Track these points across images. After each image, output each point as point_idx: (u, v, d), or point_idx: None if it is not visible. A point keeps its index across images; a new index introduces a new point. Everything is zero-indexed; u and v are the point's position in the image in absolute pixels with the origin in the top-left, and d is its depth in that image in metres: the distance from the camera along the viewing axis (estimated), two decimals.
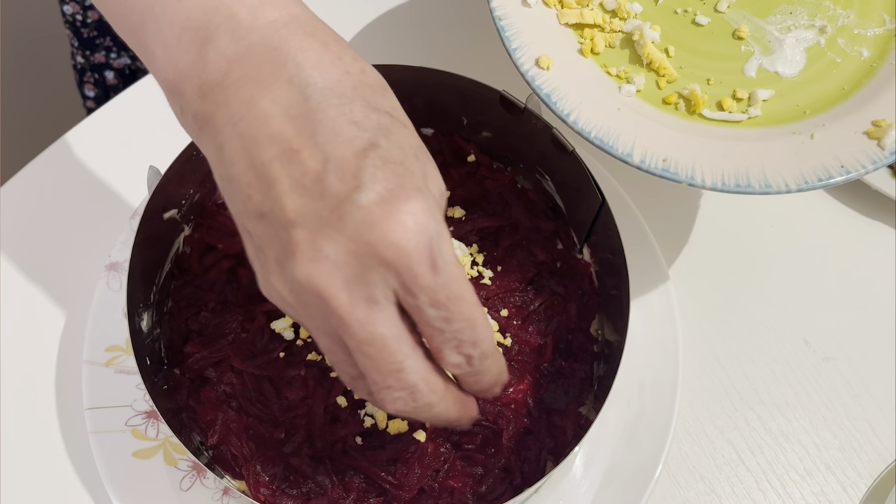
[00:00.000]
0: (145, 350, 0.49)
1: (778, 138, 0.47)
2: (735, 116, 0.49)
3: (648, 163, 0.45)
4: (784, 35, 0.51)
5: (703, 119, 0.49)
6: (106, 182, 0.63)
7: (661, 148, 0.46)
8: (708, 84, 0.50)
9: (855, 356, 0.59)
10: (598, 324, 0.54)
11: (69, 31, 0.90)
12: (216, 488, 0.52)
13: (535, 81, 0.47)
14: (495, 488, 0.49)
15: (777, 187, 0.45)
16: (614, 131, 0.46)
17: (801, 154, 0.46)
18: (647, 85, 0.50)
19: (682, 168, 0.45)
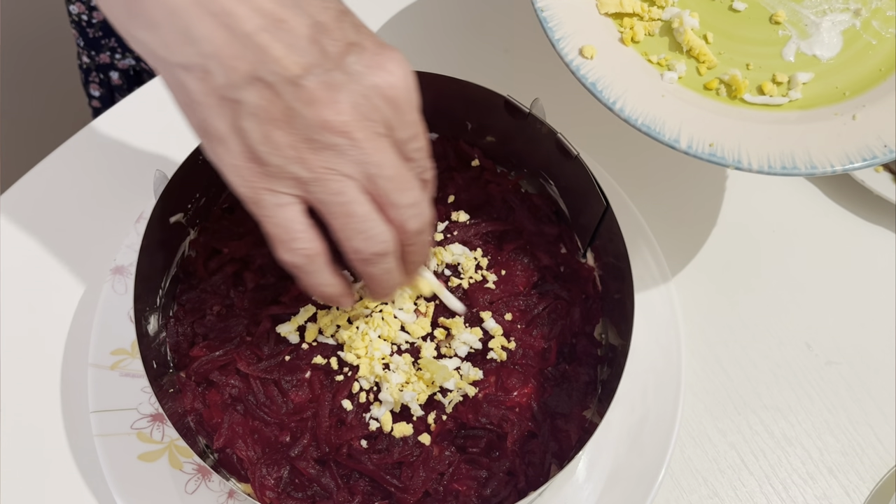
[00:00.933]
0: (151, 353, 0.49)
1: (820, 120, 0.48)
2: (776, 100, 0.49)
3: (696, 148, 0.46)
4: (820, 18, 0.51)
5: (745, 104, 0.49)
6: (111, 186, 0.63)
7: (706, 133, 0.47)
8: (747, 69, 0.50)
9: (857, 360, 0.60)
10: (601, 328, 0.54)
11: (75, 31, 0.90)
12: (221, 491, 0.52)
13: (580, 71, 0.48)
14: (500, 492, 0.49)
15: (822, 168, 0.45)
16: (660, 118, 0.47)
17: (843, 135, 0.47)
18: (688, 72, 0.50)
19: (728, 152, 0.46)
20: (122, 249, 0.58)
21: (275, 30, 0.36)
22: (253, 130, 0.37)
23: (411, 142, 0.39)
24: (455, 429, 0.50)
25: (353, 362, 0.51)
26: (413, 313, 0.53)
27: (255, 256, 0.55)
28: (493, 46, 0.70)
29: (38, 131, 1.39)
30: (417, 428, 0.50)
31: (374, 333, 0.51)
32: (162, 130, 0.65)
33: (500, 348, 0.52)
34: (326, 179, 0.38)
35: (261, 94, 0.36)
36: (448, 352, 0.52)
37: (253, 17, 0.36)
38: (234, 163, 0.38)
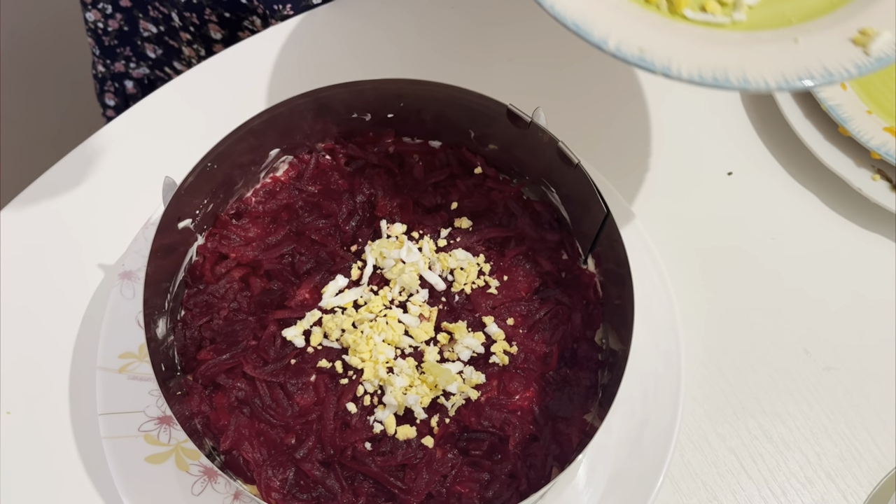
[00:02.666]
0: (160, 356, 0.50)
1: (760, 43, 0.47)
2: (718, 19, 0.48)
3: (624, 51, 0.44)
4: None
5: (685, 20, 0.48)
6: (120, 192, 0.64)
7: (638, 38, 0.45)
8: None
9: (855, 366, 0.60)
10: (602, 333, 0.55)
11: (91, 40, 0.91)
12: (227, 493, 0.53)
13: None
14: (502, 494, 0.50)
15: (756, 84, 0.44)
16: (591, 18, 0.45)
17: (783, 55, 0.45)
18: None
19: (658, 58, 0.44)
20: (130, 255, 0.59)
21: None
22: None
23: None
24: (458, 432, 0.51)
25: (357, 366, 0.52)
26: (417, 318, 0.54)
27: (262, 262, 0.56)
28: (496, 56, 0.71)
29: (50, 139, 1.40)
30: (421, 431, 0.51)
31: (378, 337, 0.52)
32: (171, 138, 0.67)
33: (502, 353, 0.53)
34: None
35: None
36: (451, 356, 0.53)
37: None
38: None
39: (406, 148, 0.59)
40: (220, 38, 0.85)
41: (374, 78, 0.55)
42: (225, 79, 0.70)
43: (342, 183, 0.58)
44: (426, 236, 0.56)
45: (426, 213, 0.58)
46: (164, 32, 0.88)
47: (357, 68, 0.70)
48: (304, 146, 0.59)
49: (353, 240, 0.57)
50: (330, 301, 0.54)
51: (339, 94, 0.55)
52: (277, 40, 0.71)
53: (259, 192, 0.59)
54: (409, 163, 0.59)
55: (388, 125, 0.59)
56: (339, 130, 0.58)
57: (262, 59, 0.70)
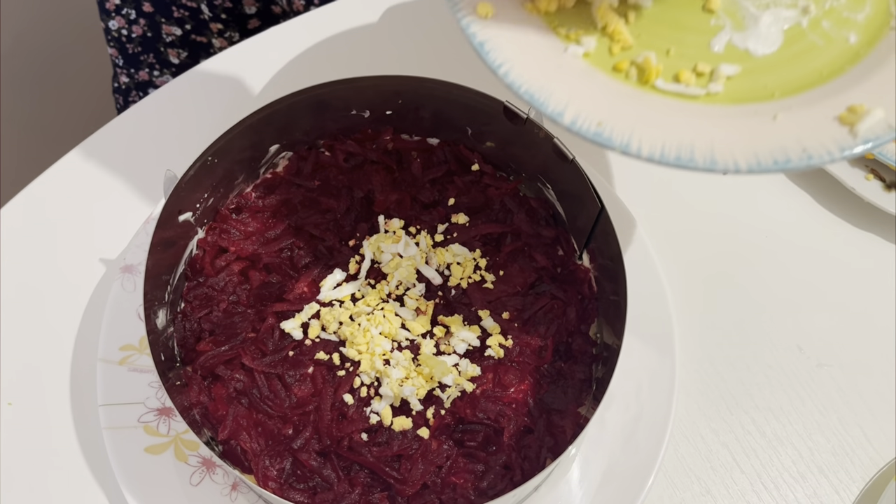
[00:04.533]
0: (160, 348, 0.50)
1: (736, 117, 0.42)
2: (692, 90, 0.43)
3: (580, 124, 0.41)
4: (761, 12, 0.45)
5: (656, 90, 0.43)
6: (122, 188, 0.65)
7: (598, 111, 0.41)
8: (667, 55, 0.44)
9: (848, 363, 0.61)
10: (597, 327, 0.56)
11: (114, 49, 0.91)
12: (225, 484, 0.54)
13: (468, 28, 0.42)
14: (496, 484, 0.50)
15: (724, 164, 0.39)
16: (548, 88, 0.42)
17: (758, 134, 0.41)
18: (599, 49, 0.45)
19: (617, 133, 0.40)
20: (131, 249, 0.59)
21: None
22: None
23: None
24: (453, 423, 0.52)
25: (354, 358, 0.53)
26: (413, 311, 0.54)
27: (261, 255, 0.56)
28: None
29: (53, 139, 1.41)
30: (416, 422, 0.51)
31: (375, 330, 0.53)
32: (172, 135, 0.67)
33: (497, 346, 0.53)
34: None
35: None
36: (447, 349, 0.54)
37: None
38: None
39: (404, 145, 0.60)
40: (255, 13, 0.86)
41: (372, 75, 0.56)
42: (226, 77, 0.71)
43: (341, 179, 0.59)
44: (423, 231, 0.57)
45: (423, 208, 0.59)
46: (190, 31, 0.88)
47: (356, 66, 0.71)
48: (303, 142, 0.60)
49: (351, 235, 0.57)
50: (328, 294, 0.55)
51: (338, 90, 0.56)
52: (279, 40, 0.72)
53: (259, 187, 0.59)
54: (407, 159, 0.60)
55: (387, 122, 0.59)
56: (338, 127, 0.59)
57: (264, 57, 0.71)
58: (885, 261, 0.64)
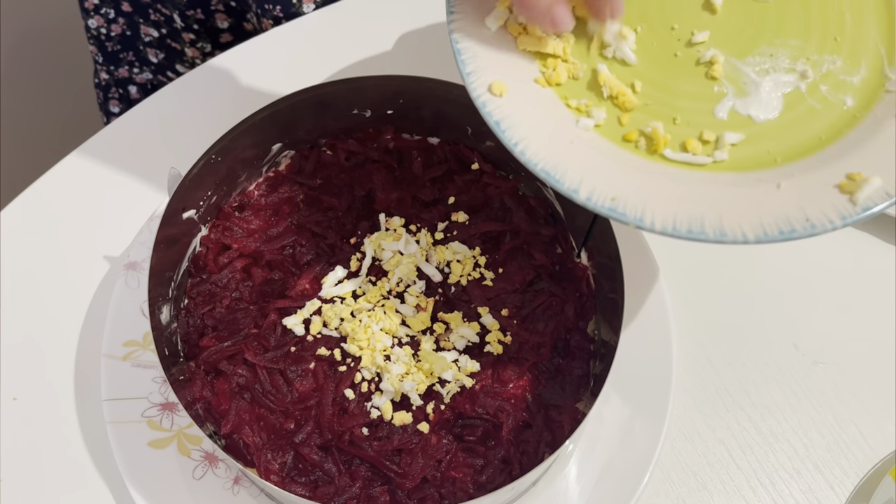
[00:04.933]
0: (163, 343, 0.51)
1: (742, 186, 0.44)
2: (699, 159, 0.45)
3: (595, 200, 0.42)
4: (761, 78, 0.46)
5: (664, 160, 0.45)
6: (125, 186, 0.66)
7: (611, 185, 0.43)
8: (674, 123, 0.46)
9: (843, 361, 0.62)
10: (594, 324, 0.56)
11: (93, 47, 0.92)
12: (227, 478, 0.54)
13: (485, 108, 0.44)
14: (495, 478, 0.51)
15: (733, 236, 0.41)
16: (563, 165, 0.43)
17: (763, 203, 0.42)
18: (608, 120, 0.46)
19: (630, 208, 0.42)
20: (135, 246, 0.60)
21: None
22: None
23: None
24: (453, 418, 0.52)
25: (355, 353, 0.53)
26: (414, 308, 0.55)
27: (264, 253, 0.57)
28: None
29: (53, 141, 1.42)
30: (417, 417, 0.52)
31: (376, 326, 0.54)
32: (175, 135, 0.68)
33: (496, 342, 0.54)
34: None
35: None
36: (447, 345, 0.54)
37: None
38: None
39: (405, 144, 0.61)
40: (227, 27, 0.87)
41: (374, 75, 0.57)
42: (229, 77, 0.71)
43: (342, 177, 0.60)
44: (424, 229, 0.58)
45: (424, 207, 0.59)
46: (165, 35, 0.89)
47: (358, 66, 0.71)
48: (305, 141, 0.60)
49: (352, 232, 0.58)
50: (329, 291, 0.56)
51: (339, 90, 0.57)
52: (282, 40, 0.73)
53: (261, 185, 0.60)
54: (407, 158, 0.61)
55: (388, 122, 0.60)
56: (339, 126, 0.60)
57: (267, 57, 0.72)
58: (881, 261, 0.65)
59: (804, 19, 0.48)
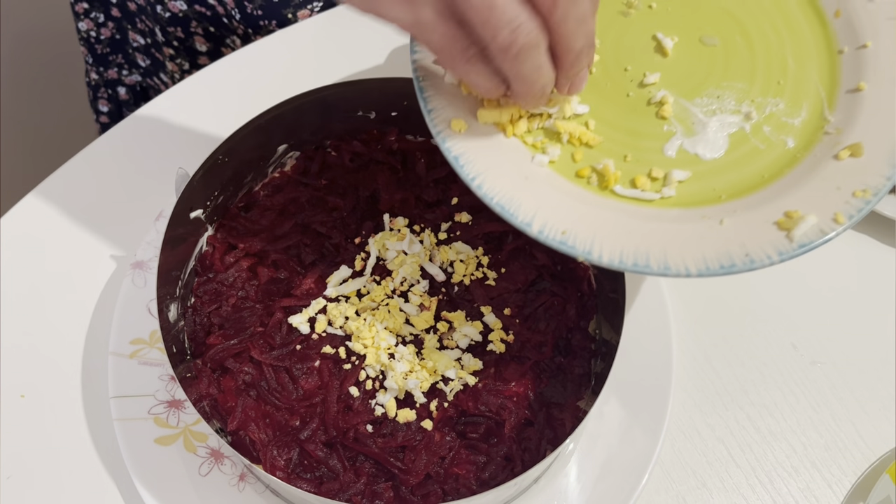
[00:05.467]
0: (171, 341, 0.52)
1: (687, 221, 0.45)
2: (647, 195, 0.47)
3: (547, 233, 0.44)
4: (709, 118, 0.48)
5: (614, 195, 0.47)
6: (132, 186, 0.67)
7: (562, 220, 0.45)
8: (625, 160, 0.48)
9: (840, 361, 0.62)
10: (595, 324, 0.57)
11: (84, 48, 0.93)
12: (233, 474, 0.55)
13: (444, 143, 0.46)
14: (497, 475, 0.52)
15: (676, 270, 0.43)
16: (517, 199, 0.45)
17: (706, 238, 0.44)
18: (562, 157, 0.48)
19: (580, 242, 0.44)
20: (142, 245, 0.61)
21: None
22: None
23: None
24: (456, 416, 0.53)
25: (360, 352, 0.54)
26: (417, 307, 0.56)
27: (269, 252, 0.58)
28: None
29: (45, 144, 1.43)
30: (420, 414, 0.53)
31: (380, 325, 0.54)
32: (182, 136, 0.69)
33: (499, 341, 0.55)
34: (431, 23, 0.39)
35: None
36: (450, 343, 0.55)
37: None
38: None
39: (409, 145, 0.62)
40: (206, 51, 0.87)
41: (378, 77, 0.57)
42: (236, 79, 0.72)
43: (347, 178, 0.61)
44: (427, 230, 0.59)
45: (427, 207, 0.60)
46: (150, 45, 0.90)
47: (363, 68, 0.72)
48: (310, 142, 0.61)
49: (356, 232, 0.59)
50: (334, 290, 0.56)
51: (344, 92, 0.57)
52: (287, 43, 0.74)
53: (267, 185, 0.61)
54: (411, 159, 0.61)
55: (392, 123, 0.61)
56: (344, 128, 0.61)
57: (273, 59, 0.73)
58: (878, 262, 0.66)
59: (750, 63, 0.50)
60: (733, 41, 0.51)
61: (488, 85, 0.42)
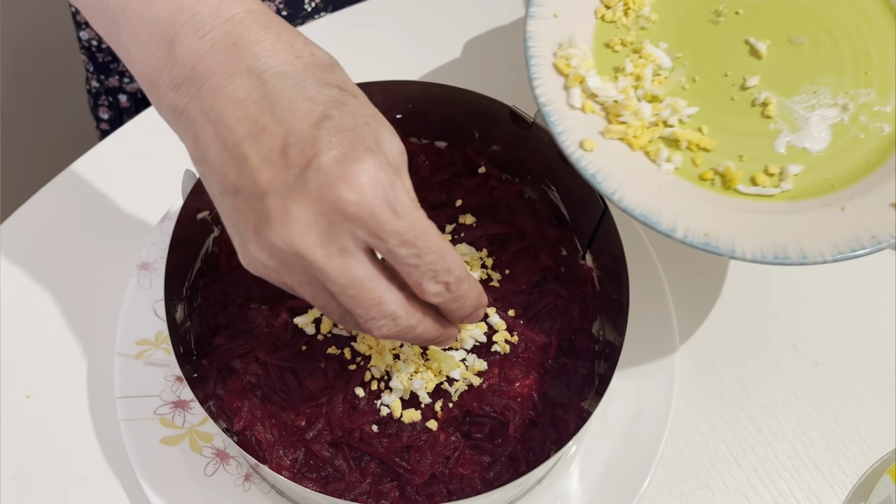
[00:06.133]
0: (178, 342, 0.52)
1: (810, 211, 0.50)
2: (768, 191, 0.51)
3: (691, 238, 0.48)
4: (809, 113, 0.53)
5: (739, 194, 0.51)
6: (138, 187, 0.67)
7: (701, 223, 0.49)
8: (741, 160, 0.52)
9: (841, 362, 0.63)
10: (599, 325, 0.57)
11: (85, 57, 0.93)
12: (238, 475, 0.55)
13: (580, 163, 0.50)
14: (502, 475, 0.52)
15: (813, 258, 0.47)
16: (657, 208, 0.49)
17: (833, 226, 0.48)
18: (685, 163, 0.52)
19: (722, 242, 0.48)
20: (147, 247, 0.61)
21: (254, 140, 0.36)
22: (237, 242, 0.39)
23: (400, 248, 0.37)
24: (460, 416, 0.53)
25: (365, 353, 0.54)
26: None
27: None
28: (499, 63, 0.74)
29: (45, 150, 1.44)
30: (425, 414, 0.53)
31: None
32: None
33: (503, 342, 0.55)
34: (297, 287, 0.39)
35: (241, 207, 0.37)
36: (455, 344, 0.55)
37: (239, 126, 0.37)
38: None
39: (413, 148, 0.62)
40: None
41: (382, 80, 0.58)
42: None
43: None
44: None
45: (432, 209, 0.60)
46: None
47: (366, 72, 0.73)
48: None
49: None
50: None
51: None
52: None
53: None
54: (416, 162, 0.62)
55: (397, 126, 0.61)
56: None
57: None
58: (879, 264, 0.66)
59: (837, 58, 0.55)
60: (819, 38, 0.55)
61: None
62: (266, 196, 0.36)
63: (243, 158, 0.37)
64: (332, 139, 0.36)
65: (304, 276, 0.38)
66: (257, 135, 0.36)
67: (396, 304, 0.39)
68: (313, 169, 0.36)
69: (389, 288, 0.39)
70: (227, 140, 0.37)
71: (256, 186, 0.36)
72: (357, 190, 0.36)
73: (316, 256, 0.37)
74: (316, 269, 0.37)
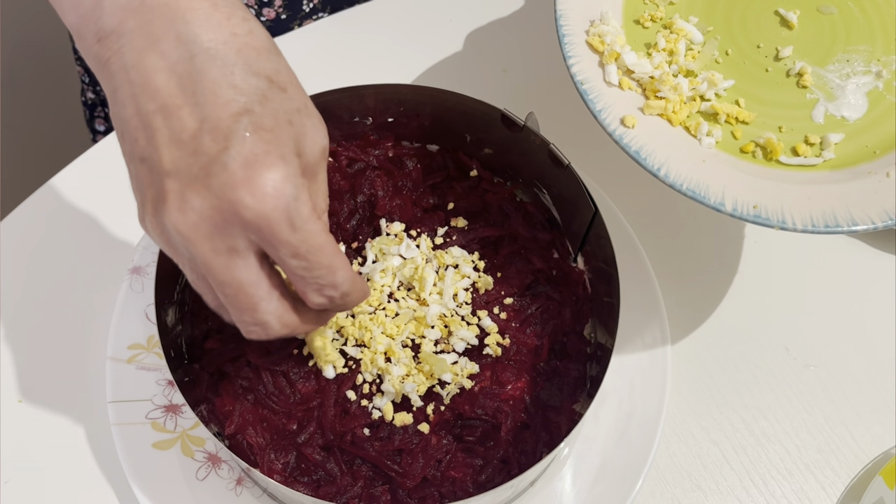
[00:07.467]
0: (169, 345, 0.52)
1: (855, 179, 0.50)
2: (811, 161, 0.51)
3: (741, 210, 0.48)
4: (844, 81, 0.53)
5: (781, 165, 0.51)
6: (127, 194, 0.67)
7: (749, 196, 0.48)
8: (780, 132, 0.52)
9: (833, 364, 0.63)
10: (591, 327, 0.58)
11: (80, 68, 0.93)
12: (230, 479, 0.55)
13: (623, 140, 0.50)
14: (494, 478, 0.52)
15: (864, 224, 0.47)
16: (703, 182, 0.48)
17: (880, 192, 0.48)
18: (724, 136, 0.52)
19: (772, 213, 0.47)
20: (139, 251, 0.61)
21: (168, 115, 0.35)
22: (138, 203, 0.39)
23: (290, 259, 0.37)
24: (452, 419, 0.53)
25: (356, 356, 0.54)
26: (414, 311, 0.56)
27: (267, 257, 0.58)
28: (491, 67, 0.74)
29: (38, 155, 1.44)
30: (417, 417, 0.53)
31: (377, 329, 0.55)
32: None
33: (495, 345, 0.55)
34: (181, 266, 0.40)
35: (145, 176, 0.37)
36: (446, 347, 0.55)
37: (157, 96, 0.36)
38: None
39: (405, 151, 0.62)
40: None
41: (374, 84, 0.58)
42: None
43: (344, 184, 0.61)
44: (424, 234, 0.59)
45: (424, 212, 0.61)
46: None
47: (359, 75, 0.73)
48: None
49: (354, 237, 0.59)
50: None
51: (341, 98, 0.58)
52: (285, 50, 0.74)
53: None
54: (407, 165, 0.62)
55: (389, 129, 0.61)
56: (341, 133, 0.61)
57: None
58: (871, 266, 0.67)
59: (867, 26, 0.56)
60: (847, 7, 0.56)
61: None
62: (168, 176, 0.36)
63: (153, 130, 0.36)
64: (246, 136, 0.35)
65: (188, 262, 0.39)
66: (173, 111, 0.35)
67: (272, 315, 0.39)
68: (220, 164, 0.35)
69: (270, 296, 0.39)
70: (141, 106, 0.36)
71: (160, 163, 0.36)
72: (258, 198, 0.35)
73: (202, 249, 0.36)
74: (200, 261, 0.37)
